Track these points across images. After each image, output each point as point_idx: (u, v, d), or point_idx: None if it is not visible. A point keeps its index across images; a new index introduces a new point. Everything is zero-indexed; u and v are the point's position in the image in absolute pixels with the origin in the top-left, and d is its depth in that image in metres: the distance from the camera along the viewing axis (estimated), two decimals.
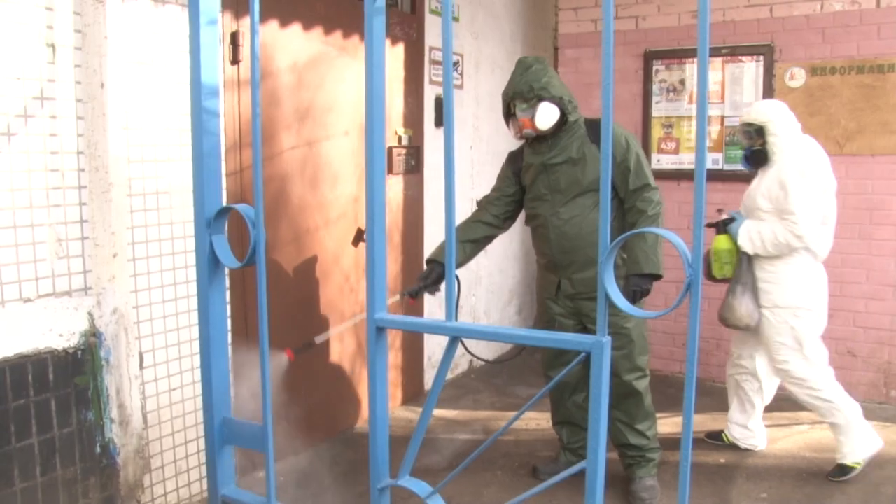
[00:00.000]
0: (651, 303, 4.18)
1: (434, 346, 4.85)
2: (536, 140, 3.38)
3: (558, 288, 3.46)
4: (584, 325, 3.42)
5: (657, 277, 3.25)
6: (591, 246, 3.28)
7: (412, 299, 3.50)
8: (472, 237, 3.50)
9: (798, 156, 3.60)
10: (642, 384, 3.44)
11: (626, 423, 3.48)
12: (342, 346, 4.14)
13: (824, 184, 3.63)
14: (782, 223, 3.58)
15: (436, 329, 2.24)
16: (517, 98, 3.31)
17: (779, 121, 3.64)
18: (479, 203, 3.64)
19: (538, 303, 3.68)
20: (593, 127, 3.36)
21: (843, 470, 3.70)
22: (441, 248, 3.45)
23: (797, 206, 3.53)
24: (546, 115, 3.26)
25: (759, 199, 3.67)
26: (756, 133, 3.68)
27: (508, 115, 3.43)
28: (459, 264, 3.51)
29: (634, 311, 1.77)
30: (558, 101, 3.28)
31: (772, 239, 3.59)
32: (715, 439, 4.13)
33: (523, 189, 3.53)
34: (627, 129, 3.41)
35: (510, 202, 3.55)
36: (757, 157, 3.72)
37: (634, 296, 3.21)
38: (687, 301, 1.61)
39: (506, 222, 3.60)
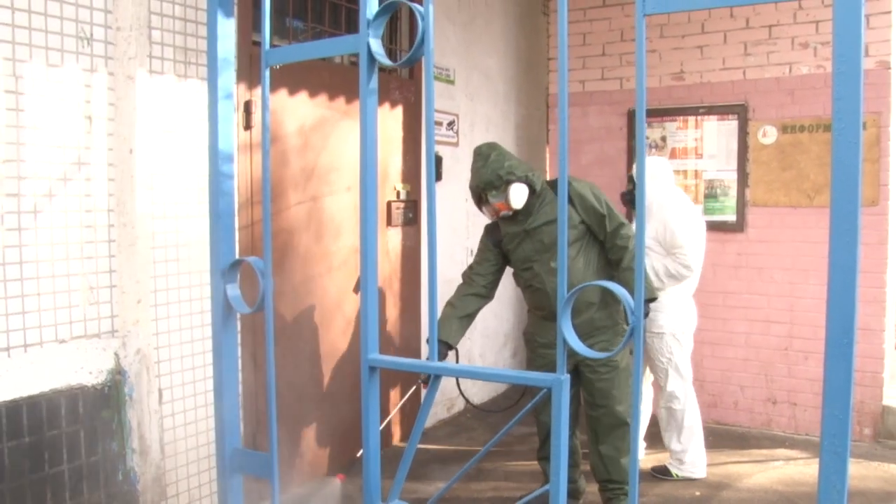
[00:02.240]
0: None
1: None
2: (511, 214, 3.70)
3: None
4: (578, 366, 3.67)
5: (651, 300, 3.71)
6: (585, 291, 3.49)
7: (425, 385, 3.78)
8: (468, 312, 3.81)
9: (679, 203, 4.24)
10: (630, 415, 3.70)
11: (613, 457, 3.70)
12: (345, 384, 4.44)
13: (700, 227, 4.30)
14: (671, 257, 4.13)
15: (420, 368, 2.55)
16: (488, 188, 3.61)
17: (660, 176, 4.27)
18: (464, 276, 3.92)
19: (529, 351, 3.96)
20: (556, 187, 3.66)
21: (666, 471, 4.36)
22: (440, 328, 3.71)
23: (684, 241, 4.12)
24: (518, 195, 3.59)
25: (646, 238, 4.17)
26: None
27: (480, 202, 3.73)
28: (457, 340, 3.77)
29: (588, 352, 2.08)
30: (525, 179, 3.60)
31: (664, 271, 4.13)
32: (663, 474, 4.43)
33: (504, 257, 3.85)
34: (598, 182, 3.85)
35: (495, 271, 3.87)
36: (632, 196, 4.33)
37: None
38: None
39: (492, 291, 3.91)
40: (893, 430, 4.89)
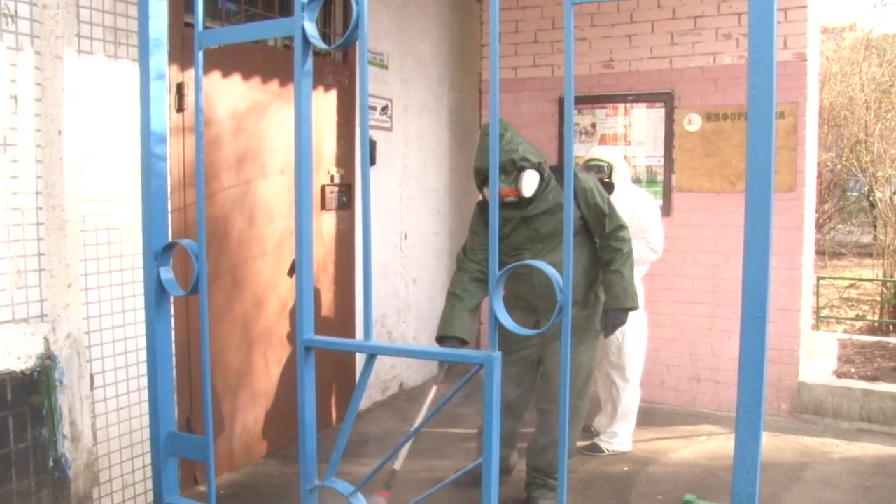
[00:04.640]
0: None
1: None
2: None
3: (536, 326, 3.58)
4: (542, 358, 3.69)
5: (633, 309, 3.60)
6: (573, 288, 3.48)
7: (443, 384, 3.62)
8: (477, 302, 3.60)
9: (641, 190, 4.53)
10: (582, 409, 3.77)
11: (547, 450, 3.70)
12: (279, 368, 4.44)
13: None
14: (640, 241, 4.28)
15: (356, 348, 2.59)
16: (500, 173, 3.32)
17: (621, 163, 4.46)
18: (458, 261, 3.74)
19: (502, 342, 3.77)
20: (560, 174, 3.56)
21: (596, 447, 4.53)
22: (449, 322, 3.55)
23: (652, 225, 4.33)
24: (530, 184, 3.44)
25: None
26: (608, 168, 4.40)
27: (484, 184, 3.39)
28: (470, 335, 3.57)
29: (517, 328, 2.14)
30: (538, 167, 3.46)
31: (634, 255, 4.21)
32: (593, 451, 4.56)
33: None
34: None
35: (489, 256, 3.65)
36: (607, 187, 4.40)
37: (614, 328, 3.59)
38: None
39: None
40: (808, 404, 5.14)
